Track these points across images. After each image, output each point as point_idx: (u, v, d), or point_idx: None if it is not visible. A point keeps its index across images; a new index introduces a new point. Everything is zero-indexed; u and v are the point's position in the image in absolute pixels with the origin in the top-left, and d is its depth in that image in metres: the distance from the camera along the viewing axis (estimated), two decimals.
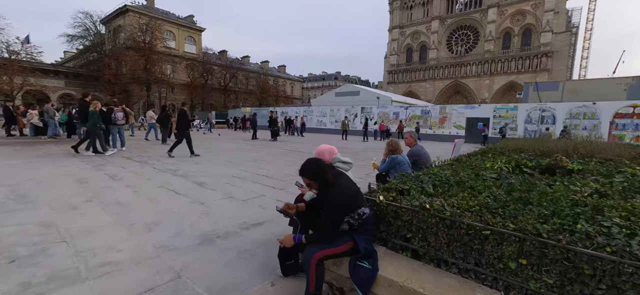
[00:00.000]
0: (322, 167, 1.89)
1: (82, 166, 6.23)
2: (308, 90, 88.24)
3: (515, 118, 17.73)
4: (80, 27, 33.94)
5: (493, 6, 61.60)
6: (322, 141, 15.56)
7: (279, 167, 6.87)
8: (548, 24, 55.66)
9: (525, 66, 57.44)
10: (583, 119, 15.54)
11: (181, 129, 8.15)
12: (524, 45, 58.83)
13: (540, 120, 16.82)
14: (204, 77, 43.46)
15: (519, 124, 17.54)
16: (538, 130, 16.82)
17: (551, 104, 16.71)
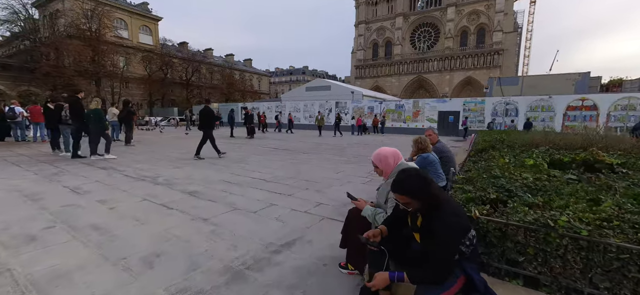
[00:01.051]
0: (429, 182, 1.43)
1: (27, 177, 5.01)
2: (275, 85, 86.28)
3: (482, 111, 18.81)
4: (6, 9, 28.81)
5: (451, 5, 65.36)
6: (307, 137, 14.99)
7: (271, 169, 6.25)
8: (499, 24, 60.51)
9: (480, 63, 62.06)
10: (541, 112, 16.96)
11: (206, 127, 7.49)
12: (478, 43, 63.48)
13: (505, 113, 18.04)
14: (163, 71, 40.03)
15: (487, 117, 18.65)
16: (503, 122, 18.04)
17: (514, 98, 18.00)
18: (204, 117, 7.68)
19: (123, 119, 10.71)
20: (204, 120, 7.67)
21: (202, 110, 7.83)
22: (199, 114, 7.94)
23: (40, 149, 8.79)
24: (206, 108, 7.86)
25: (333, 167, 6.70)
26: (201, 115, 7.77)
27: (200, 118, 7.82)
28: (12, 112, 10.02)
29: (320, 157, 8.26)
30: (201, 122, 7.75)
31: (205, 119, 7.66)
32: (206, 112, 7.71)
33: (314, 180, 5.18)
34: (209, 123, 7.69)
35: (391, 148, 2.11)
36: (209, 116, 7.71)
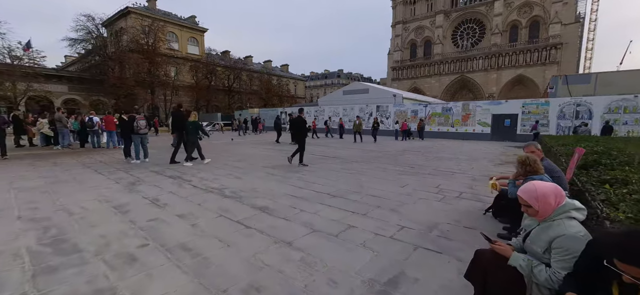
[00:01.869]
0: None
1: (111, 186, 5.39)
2: (311, 89, 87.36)
3: (546, 113, 16.82)
4: (82, 30, 33.04)
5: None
6: (348, 143, 14.48)
7: (330, 181, 6.02)
8: (557, 15, 54.63)
9: (534, 59, 56.47)
10: (624, 114, 14.64)
11: (301, 136, 7.70)
12: (531, 38, 57.87)
13: (575, 115, 15.92)
14: (208, 79, 42.63)
15: (551, 120, 16.64)
16: (572, 127, 15.95)
17: (586, 98, 15.80)
18: (297, 124, 7.81)
19: (176, 128, 11.29)
20: (298, 127, 7.84)
21: (295, 119, 7.98)
22: (291, 122, 8.06)
23: (114, 156, 9.65)
24: (299, 118, 7.94)
25: (394, 179, 6.27)
26: (292, 123, 7.96)
27: (293, 125, 8.07)
28: (90, 122, 11.20)
29: (375, 167, 7.87)
30: (295, 129, 7.94)
31: (298, 126, 7.83)
32: (298, 122, 7.86)
33: (382, 196, 4.83)
34: (304, 131, 7.95)
35: (549, 183, 1.69)
36: (302, 124, 7.89)
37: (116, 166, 7.64)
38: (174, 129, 8.27)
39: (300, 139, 7.73)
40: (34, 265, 2.49)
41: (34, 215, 3.78)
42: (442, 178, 6.43)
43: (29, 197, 4.65)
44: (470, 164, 8.66)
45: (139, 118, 7.93)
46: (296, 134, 7.85)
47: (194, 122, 7.92)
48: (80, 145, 11.75)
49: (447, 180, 6.18)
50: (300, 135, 7.73)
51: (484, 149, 13.37)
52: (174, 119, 8.36)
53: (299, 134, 7.74)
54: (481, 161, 9.26)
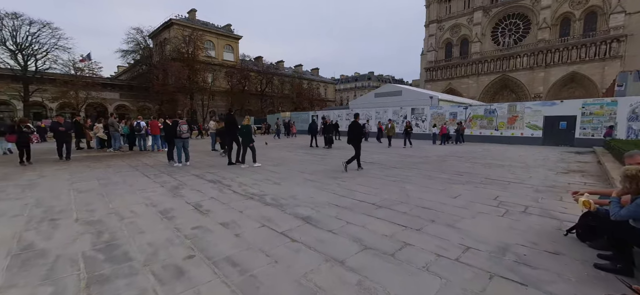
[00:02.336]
0: None
1: (157, 189, 5.54)
2: (341, 92, 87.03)
3: (613, 115, 14.78)
4: (132, 42, 36.19)
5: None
6: (383, 147, 13.82)
7: (373, 189, 5.64)
8: (619, 4, 48.74)
9: (590, 54, 50.83)
10: None
11: (358, 140, 7.68)
12: (586, 31, 52.17)
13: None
14: (242, 84, 44.24)
15: (620, 122, 14.58)
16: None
17: None
18: (356, 129, 7.75)
19: (228, 132, 11.46)
20: (356, 131, 7.74)
21: (351, 124, 7.86)
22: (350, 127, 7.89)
23: (158, 158, 10.16)
24: (355, 123, 7.86)
25: (442, 188, 5.72)
26: (351, 128, 7.84)
27: (351, 131, 7.83)
28: (138, 126, 11.98)
29: (418, 174, 7.32)
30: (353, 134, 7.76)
31: (356, 131, 7.75)
32: (355, 126, 7.79)
33: (434, 208, 4.35)
34: (360, 135, 7.86)
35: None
36: (358, 129, 7.82)
37: (160, 169, 7.97)
38: (224, 133, 8.66)
39: (356, 144, 7.68)
40: (88, 272, 2.48)
41: (90, 217, 3.92)
42: (498, 188, 5.74)
43: (85, 198, 4.91)
44: (527, 172, 7.73)
45: (182, 123, 8.23)
46: (353, 139, 7.72)
47: (247, 126, 8.24)
48: (129, 148, 12.63)
49: (505, 191, 5.49)
50: (356, 139, 7.69)
51: (537, 154, 12.03)
52: (226, 123, 8.74)
53: (356, 139, 7.69)
54: (538, 169, 8.24)
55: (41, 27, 27.40)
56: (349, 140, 7.88)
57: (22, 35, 27.25)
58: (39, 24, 27.33)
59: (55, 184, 5.99)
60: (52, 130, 9.40)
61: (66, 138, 9.54)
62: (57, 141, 9.43)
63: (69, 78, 28.53)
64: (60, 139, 9.42)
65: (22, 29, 27.03)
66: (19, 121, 8.99)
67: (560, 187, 5.83)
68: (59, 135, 9.35)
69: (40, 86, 28.53)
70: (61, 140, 9.46)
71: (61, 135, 9.40)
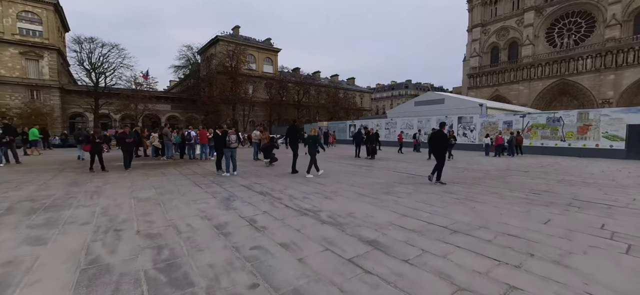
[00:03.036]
0: None
1: (209, 201, 5.48)
2: (377, 101, 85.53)
3: None
4: (183, 58, 39.49)
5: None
6: (422, 160, 12.44)
7: (438, 208, 4.98)
8: None
9: None
10: None
11: (441, 151, 7.34)
12: None
13: None
14: (280, 94, 45.48)
15: None
16: None
17: None
18: (442, 139, 7.45)
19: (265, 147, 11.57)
20: (442, 142, 7.47)
21: (434, 134, 7.58)
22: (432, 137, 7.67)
23: (206, 167, 10.46)
24: (439, 132, 7.52)
25: (523, 210, 4.84)
26: (432, 137, 7.61)
27: (435, 140, 7.55)
28: (188, 136, 12.60)
29: (484, 191, 6.42)
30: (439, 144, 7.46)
31: (440, 140, 7.45)
32: (437, 135, 7.49)
33: (524, 237, 3.59)
34: (444, 146, 7.63)
35: None
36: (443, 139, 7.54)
37: (210, 178, 8.09)
38: (289, 143, 8.96)
39: (440, 155, 7.27)
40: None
41: (149, 229, 3.89)
42: (599, 213, 4.70)
43: (144, 207, 5.00)
44: (627, 193, 6.38)
45: (231, 133, 8.33)
46: (435, 149, 7.32)
47: (314, 136, 8.47)
48: (180, 156, 13.34)
49: (610, 218, 4.46)
50: (440, 150, 7.27)
51: (624, 170, 10.14)
52: (289, 133, 9.02)
53: (439, 149, 7.27)
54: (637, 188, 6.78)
55: (111, 48, 31.37)
56: (432, 151, 7.42)
57: (96, 56, 31.42)
58: (109, 46, 31.37)
59: (118, 192, 6.28)
60: (119, 141, 10.01)
61: (132, 148, 10.09)
62: (125, 152, 9.82)
63: (130, 92, 32.04)
64: (127, 150, 9.87)
65: (96, 51, 31.23)
66: (94, 132, 9.78)
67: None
68: (126, 146, 9.81)
69: (108, 100, 32.38)
70: (128, 150, 9.91)
71: (129, 146, 9.88)
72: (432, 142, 7.44)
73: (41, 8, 32.08)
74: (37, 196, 5.86)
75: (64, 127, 31.96)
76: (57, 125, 31.22)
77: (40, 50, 32.02)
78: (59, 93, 32.90)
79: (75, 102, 33.84)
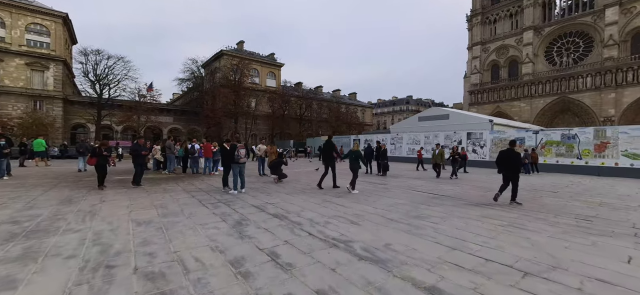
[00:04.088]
0: None
1: (219, 226, 4.75)
2: (378, 116, 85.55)
3: None
4: (188, 71, 39.48)
5: (612, 5, 50.44)
6: (429, 177, 11.71)
7: (485, 237, 4.27)
8: None
9: None
10: None
11: (515, 170, 7.05)
12: None
13: None
14: (283, 108, 45.23)
15: None
16: None
17: None
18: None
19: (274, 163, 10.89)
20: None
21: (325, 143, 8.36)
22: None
23: (211, 183, 9.74)
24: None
25: (588, 243, 4.13)
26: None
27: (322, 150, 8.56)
28: (192, 149, 11.93)
29: (526, 216, 5.70)
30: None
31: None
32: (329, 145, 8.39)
33: (621, 284, 2.88)
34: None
35: None
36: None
37: (216, 196, 7.37)
38: (324, 158, 9.09)
39: (513, 175, 6.99)
40: None
41: (150, 266, 3.16)
42: None
43: (144, 233, 4.27)
44: None
45: (240, 147, 7.68)
46: (508, 169, 7.02)
47: (357, 151, 8.47)
48: (182, 170, 12.62)
49: None
50: (513, 169, 6.98)
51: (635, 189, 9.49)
52: (325, 148, 9.08)
53: (512, 168, 6.98)
54: None
55: (116, 60, 31.30)
56: (501, 170, 7.13)
57: (101, 68, 31.28)
58: (115, 58, 31.34)
59: (115, 212, 5.55)
60: (133, 153, 9.08)
61: (145, 161, 9.33)
62: (138, 166, 8.87)
63: (133, 104, 31.69)
64: (141, 164, 8.97)
65: (101, 63, 31.15)
66: (100, 144, 8.79)
67: None
68: (141, 159, 8.89)
69: (110, 111, 31.97)
70: (142, 164, 9.04)
71: (143, 159, 9.01)
72: (503, 161, 7.10)
73: (50, 20, 32.12)
74: (20, 217, 5.13)
75: (65, 138, 31.33)
76: (58, 135, 30.62)
77: (46, 62, 31.85)
78: (62, 104, 32.50)
79: (78, 113, 33.41)
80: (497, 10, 64.22)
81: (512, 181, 7.01)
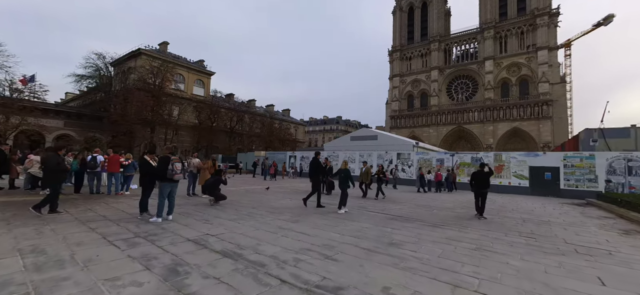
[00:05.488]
0: None
1: (140, 278, 3.16)
2: (310, 134, 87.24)
3: (593, 168, 15.58)
4: (91, 67, 32.11)
5: (489, 59, 64.73)
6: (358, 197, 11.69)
7: (469, 263, 4.01)
8: (544, 76, 58.06)
9: (527, 113, 58.71)
10: None
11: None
12: (522, 94, 60.85)
13: (627, 171, 14.68)
14: (211, 119, 41.42)
15: (600, 176, 15.34)
16: (626, 183, 14.62)
17: (638, 153, 14.73)
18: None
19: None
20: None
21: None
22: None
23: (119, 207, 7.36)
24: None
25: (555, 264, 4.29)
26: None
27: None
28: (93, 161, 9.02)
29: (484, 236, 5.87)
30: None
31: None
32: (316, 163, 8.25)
33: None
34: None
35: None
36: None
37: (131, 228, 5.37)
38: (311, 176, 8.67)
39: (483, 192, 7.83)
40: None
41: None
42: (612, 262, 4.50)
43: None
44: (590, 231, 6.78)
45: (175, 160, 5.86)
46: (480, 187, 8.00)
47: (346, 170, 8.26)
48: (75, 190, 9.37)
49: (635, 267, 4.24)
50: (483, 187, 7.81)
51: (539, 205, 11.69)
52: (312, 166, 8.54)
53: (483, 187, 7.75)
54: (586, 227, 7.40)
55: None
56: (475, 190, 7.90)
57: None
58: None
59: None
60: (47, 167, 6.37)
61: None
62: (55, 185, 6.37)
63: (1, 100, 23.47)
64: (60, 181, 6.54)
65: None
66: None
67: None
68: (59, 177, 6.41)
69: None
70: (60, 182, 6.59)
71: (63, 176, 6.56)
72: (476, 180, 8.19)
73: None
74: None
75: None
76: None
77: None
78: None
79: None
80: (412, 49, 75.04)
81: (481, 197, 7.86)
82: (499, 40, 63.45)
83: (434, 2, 72.82)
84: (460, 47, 70.12)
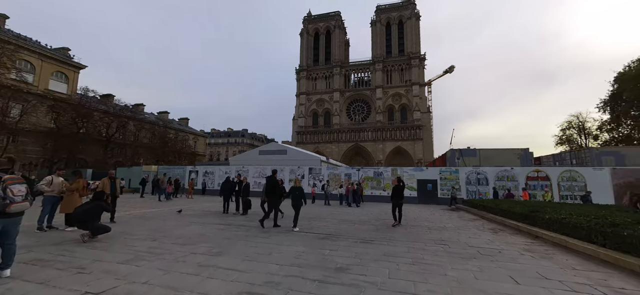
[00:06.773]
0: None
1: None
2: (212, 147, 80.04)
3: (457, 180, 19.98)
4: None
5: (379, 87, 76.30)
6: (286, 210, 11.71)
7: (420, 280, 4.05)
8: (417, 105, 72.44)
9: (406, 135, 71.65)
10: (507, 181, 18.95)
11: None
12: (403, 119, 74.23)
13: (477, 181, 19.52)
14: (76, 124, 32.15)
15: (462, 186, 19.80)
16: (476, 191, 19.33)
17: (483, 168, 19.85)
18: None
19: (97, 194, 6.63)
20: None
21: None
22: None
23: None
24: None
25: (479, 270, 4.85)
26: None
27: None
28: None
29: (412, 247, 6.25)
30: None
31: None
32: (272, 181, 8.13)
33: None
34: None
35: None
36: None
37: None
38: (267, 195, 8.51)
39: (400, 203, 9.04)
40: None
41: None
42: (514, 263, 5.49)
43: None
44: (471, 235, 8.31)
45: (10, 180, 3.69)
46: (398, 198, 8.98)
47: (300, 188, 8.36)
48: None
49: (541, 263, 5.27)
50: (400, 198, 8.90)
51: (429, 213, 14.06)
52: (269, 185, 8.39)
53: (400, 198, 8.85)
54: (470, 229, 9.14)
55: None
56: (394, 201, 9.24)
57: None
58: None
59: None
60: None
61: None
62: None
63: None
64: None
65: None
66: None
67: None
68: None
69: None
70: None
71: None
72: (395, 193, 9.48)
73: None
74: None
75: None
76: None
77: None
78: None
79: None
80: (317, 71, 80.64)
81: (398, 208, 9.11)
82: (386, 72, 75.73)
83: (336, 31, 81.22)
84: (357, 74, 80.00)
